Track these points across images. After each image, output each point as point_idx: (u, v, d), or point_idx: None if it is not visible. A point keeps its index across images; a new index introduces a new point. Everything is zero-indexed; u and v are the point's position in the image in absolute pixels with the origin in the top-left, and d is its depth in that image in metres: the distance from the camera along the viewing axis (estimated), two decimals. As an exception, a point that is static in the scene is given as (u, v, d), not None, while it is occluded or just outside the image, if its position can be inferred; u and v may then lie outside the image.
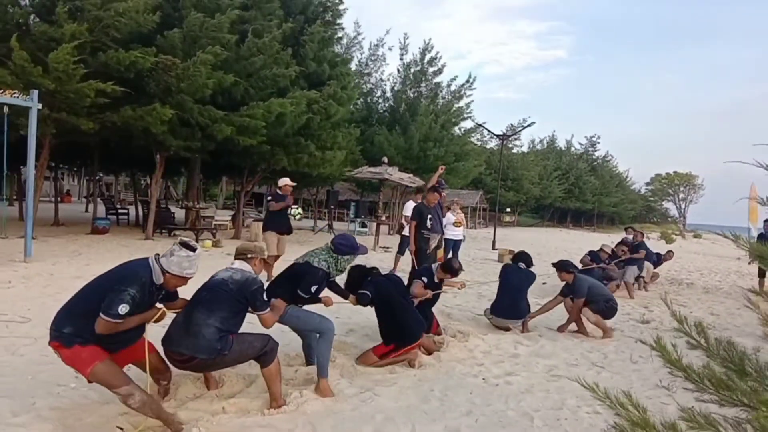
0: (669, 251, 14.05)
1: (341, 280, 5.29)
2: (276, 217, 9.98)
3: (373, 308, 5.39)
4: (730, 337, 1.94)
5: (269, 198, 10.19)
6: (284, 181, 10.25)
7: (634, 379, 5.52)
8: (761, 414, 1.55)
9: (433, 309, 6.50)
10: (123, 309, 3.26)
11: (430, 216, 9.45)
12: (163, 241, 14.71)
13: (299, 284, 4.63)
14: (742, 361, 1.69)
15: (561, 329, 7.35)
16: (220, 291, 3.80)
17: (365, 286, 5.29)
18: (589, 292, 7.09)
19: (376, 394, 4.47)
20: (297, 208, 11.73)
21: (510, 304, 7.23)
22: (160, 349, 3.86)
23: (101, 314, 3.26)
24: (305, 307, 4.81)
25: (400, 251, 12.19)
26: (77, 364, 3.37)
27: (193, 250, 3.58)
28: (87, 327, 3.31)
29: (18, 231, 12.80)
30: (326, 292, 5.05)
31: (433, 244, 9.56)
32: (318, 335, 4.62)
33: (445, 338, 6.25)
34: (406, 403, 4.37)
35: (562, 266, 7.47)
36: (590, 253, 11.40)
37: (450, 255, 12.51)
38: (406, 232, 11.79)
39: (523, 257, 7.60)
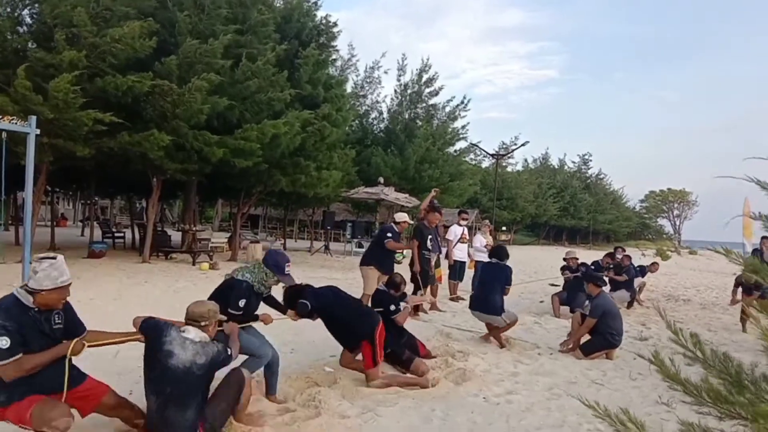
0: (653, 263, 14.12)
1: (279, 295, 5.21)
2: (386, 254, 8.75)
3: (322, 321, 5.32)
4: (727, 351, 1.99)
5: (389, 234, 8.77)
6: (403, 217, 9.28)
7: (633, 395, 5.55)
8: (759, 426, 1.60)
9: (431, 329, 6.57)
10: (3, 343, 3.02)
11: (430, 236, 9.54)
12: (160, 264, 14.71)
13: (228, 301, 4.43)
14: (738, 374, 1.74)
15: (572, 350, 7.12)
16: (187, 382, 3.47)
17: (303, 297, 5.17)
18: (601, 318, 6.94)
19: (378, 414, 4.48)
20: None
21: (481, 298, 7.37)
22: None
23: None
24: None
25: (458, 277, 11.91)
26: (21, 420, 3.15)
27: (54, 258, 3.29)
28: (7, 384, 3.14)
29: (14, 256, 12.79)
30: (265, 309, 4.93)
31: (432, 262, 9.65)
32: (255, 357, 4.58)
33: (436, 361, 6.19)
34: (408, 423, 4.38)
35: (590, 277, 7.55)
36: (563, 268, 11.28)
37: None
38: (456, 257, 11.69)
39: (496, 252, 7.76)
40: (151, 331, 3.61)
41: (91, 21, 11.70)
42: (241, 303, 4.47)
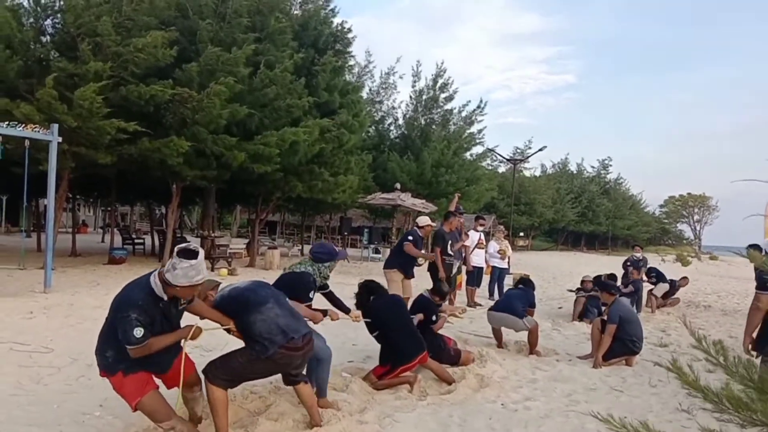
0: (684, 277, 13.93)
1: (336, 294, 5.38)
2: (409, 258, 8.65)
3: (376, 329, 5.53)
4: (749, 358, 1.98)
5: (410, 237, 8.67)
6: (425, 221, 8.93)
7: (653, 402, 5.49)
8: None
9: (450, 336, 6.59)
10: (138, 333, 3.28)
11: (450, 242, 9.52)
12: (179, 270, 14.82)
13: (297, 295, 4.65)
14: (762, 381, 1.72)
15: (595, 364, 6.78)
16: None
17: (369, 310, 5.47)
18: (619, 324, 6.72)
19: (396, 420, 4.48)
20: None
21: (504, 300, 7.68)
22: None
23: (125, 345, 3.33)
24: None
25: (476, 283, 11.89)
26: (124, 395, 3.47)
27: (195, 256, 3.39)
28: (126, 351, 3.39)
29: (36, 262, 12.98)
30: (328, 305, 5.18)
31: (454, 269, 9.63)
32: (317, 360, 4.62)
33: (465, 366, 6.19)
34: (426, 429, 4.38)
35: (603, 286, 7.48)
36: (578, 289, 11.30)
37: (495, 284, 12.60)
38: (473, 263, 11.68)
39: (522, 281, 8.03)
40: (229, 305, 3.93)
41: (114, 30, 11.88)
42: (312, 294, 4.80)
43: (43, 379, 5.04)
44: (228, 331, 3.88)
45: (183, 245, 3.49)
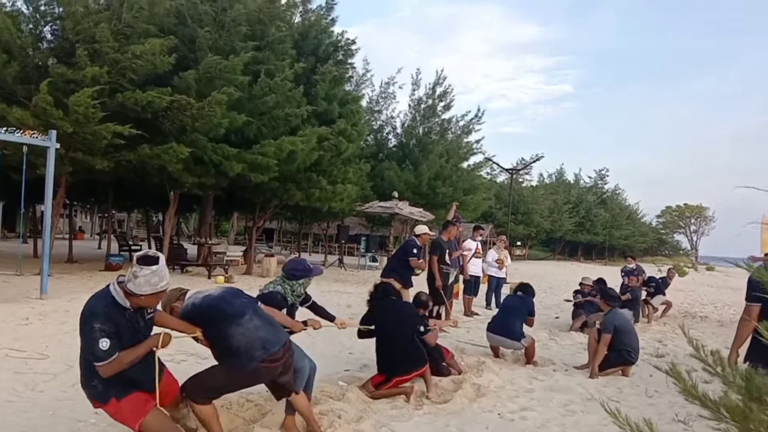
0: (669, 270, 14.04)
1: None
2: (407, 267, 8.61)
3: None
4: (747, 365, 1.98)
5: (414, 251, 8.59)
6: (423, 230, 8.90)
7: (650, 413, 5.46)
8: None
9: (446, 345, 6.58)
10: (104, 344, 3.09)
11: (448, 251, 9.52)
12: (176, 277, 14.78)
13: None
14: (760, 390, 1.72)
15: (594, 374, 6.77)
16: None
17: (378, 309, 5.51)
18: (615, 334, 6.74)
19: (392, 429, 4.47)
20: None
21: (501, 321, 7.36)
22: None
23: (94, 363, 3.15)
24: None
25: (473, 292, 11.96)
26: (125, 420, 3.31)
27: (156, 262, 3.22)
28: (103, 379, 3.23)
29: (32, 268, 12.93)
30: (312, 316, 4.97)
31: (452, 278, 9.62)
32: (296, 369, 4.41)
33: (462, 376, 6.19)
34: (423, 439, 4.37)
35: (604, 294, 7.46)
36: (576, 292, 11.31)
37: (492, 293, 12.62)
38: (471, 272, 11.69)
39: (522, 287, 7.88)
40: (200, 315, 3.70)
41: (112, 37, 11.90)
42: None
43: (38, 386, 5.02)
44: (195, 339, 3.71)
45: (141, 252, 3.32)
